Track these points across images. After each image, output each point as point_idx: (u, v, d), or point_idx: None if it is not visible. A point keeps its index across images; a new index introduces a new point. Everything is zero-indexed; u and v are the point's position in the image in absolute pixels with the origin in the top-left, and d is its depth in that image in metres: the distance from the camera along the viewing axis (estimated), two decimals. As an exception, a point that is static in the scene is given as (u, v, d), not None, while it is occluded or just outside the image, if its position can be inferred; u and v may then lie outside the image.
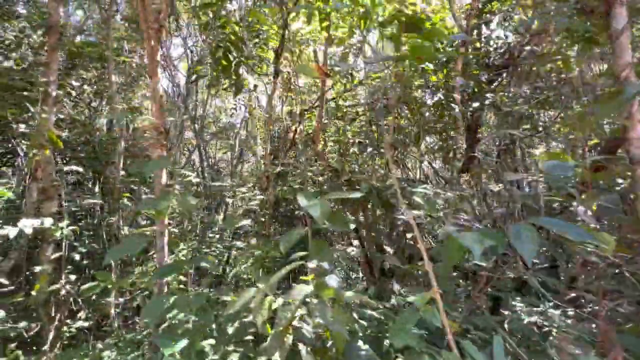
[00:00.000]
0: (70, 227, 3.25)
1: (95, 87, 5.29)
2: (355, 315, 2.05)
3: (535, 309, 2.23)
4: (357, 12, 3.44)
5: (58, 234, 3.09)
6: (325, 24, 3.22)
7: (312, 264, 1.59)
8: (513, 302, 2.44)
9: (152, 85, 2.84)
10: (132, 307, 4.01)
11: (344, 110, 4.89)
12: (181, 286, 3.10)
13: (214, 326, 2.07)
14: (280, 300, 1.58)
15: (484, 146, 5.35)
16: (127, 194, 4.96)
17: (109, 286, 3.13)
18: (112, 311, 3.93)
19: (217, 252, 4.26)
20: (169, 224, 4.15)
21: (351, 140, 5.26)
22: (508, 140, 4.73)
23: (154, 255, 4.01)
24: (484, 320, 2.13)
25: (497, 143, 4.93)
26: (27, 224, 3.04)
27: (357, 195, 1.64)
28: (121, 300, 3.75)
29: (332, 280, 1.53)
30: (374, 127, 4.90)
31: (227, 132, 7.87)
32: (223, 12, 3.66)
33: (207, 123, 8.40)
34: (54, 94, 4.17)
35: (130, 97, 6.01)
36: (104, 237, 4.07)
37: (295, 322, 1.64)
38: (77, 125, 5.01)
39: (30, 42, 5.07)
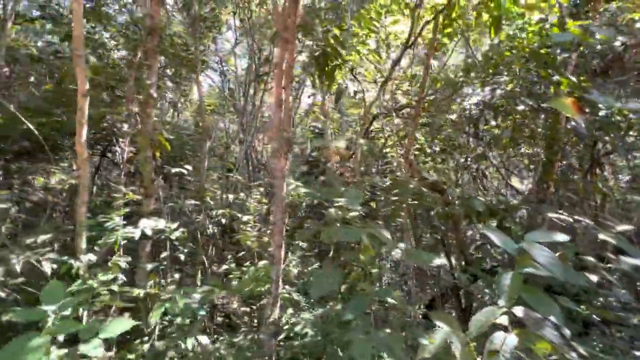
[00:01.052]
0: (181, 229, 3.33)
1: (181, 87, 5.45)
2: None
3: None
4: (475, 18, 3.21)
5: (173, 235, 3.18)
6: (448, 30, 3.04)
7: (520, 312, 1.45)
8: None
9: (275, 95, 2.80)
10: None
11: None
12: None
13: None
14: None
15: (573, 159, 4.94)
16: (210, 193, 5.08)
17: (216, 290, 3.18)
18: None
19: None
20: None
21: (437, 149, 5.04)
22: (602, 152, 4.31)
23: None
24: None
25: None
26: (147, 225, 3.14)
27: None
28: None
29: (550, 333, 1.38)
30: (464, 136, 4.66)
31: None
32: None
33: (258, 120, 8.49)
34: (155, 95, 4.32)
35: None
36: (199, 237, 4.18)
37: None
38: (164, 125, 5.18)
39: (124, 43, 5.33)
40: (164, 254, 3.55)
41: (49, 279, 2.29)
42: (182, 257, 3.64)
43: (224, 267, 4.38)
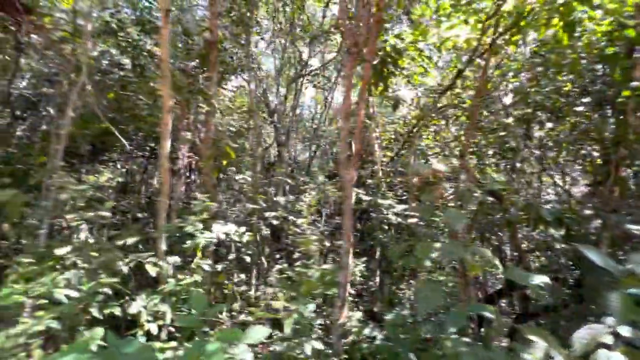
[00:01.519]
0: (249, 234, 3.54)
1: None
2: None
3: None
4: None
5: (244, 239, 3.38)
6: (516, 37, 3.00)
7: (626, 331, 1.47)
8: None
9: (344, 108, 2.92)
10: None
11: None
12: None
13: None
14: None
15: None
16: (262, 196, 5.30)
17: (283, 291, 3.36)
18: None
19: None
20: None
21: (489, 153, 4.95)
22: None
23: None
24: None
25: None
26: (220, 230, 3.38)
27: None
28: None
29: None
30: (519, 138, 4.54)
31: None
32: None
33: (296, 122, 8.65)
34: (216, 105, 4.60)
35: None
36: (258, 239, 4.40)
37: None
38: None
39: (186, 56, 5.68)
40: (231, 256, 3.79)
41: (153, 280, 2.54)
42: (248, 259, 3.86)
43: (277, 267, 4.59)
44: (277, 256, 5.43)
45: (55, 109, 5.60)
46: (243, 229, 3.66)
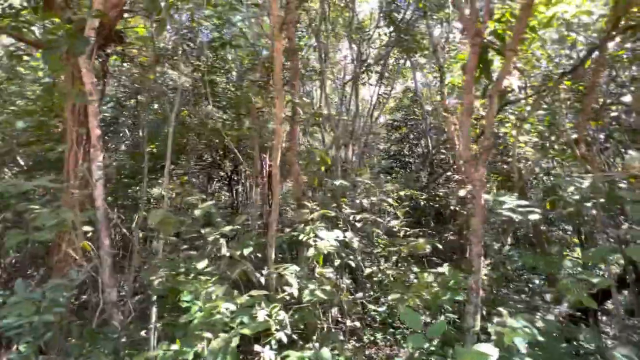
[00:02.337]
0: (356, 239, 3.50)
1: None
2: None
3: None
4: None
5: (355, 244, 3.35)
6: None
7: None
8: None
9: (466, 103, 2.76)
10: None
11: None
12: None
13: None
14: None
15: None
16: (345, 199, 5.27)
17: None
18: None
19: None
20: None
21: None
22: None
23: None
24: None
25: None
26: (329, 236, 3.38)
27: None
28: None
29: None
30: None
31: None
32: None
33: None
34: (300, 113, 4.65)
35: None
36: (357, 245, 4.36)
37: None
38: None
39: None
40: (337, 262, 3.78)
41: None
42: (353, 264, 3.84)
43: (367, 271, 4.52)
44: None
45: (144, 130, 6.04)
46: (349, 234, 3.64)
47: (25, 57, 5.40)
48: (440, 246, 3.88)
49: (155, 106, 7.25)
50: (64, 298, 2.30)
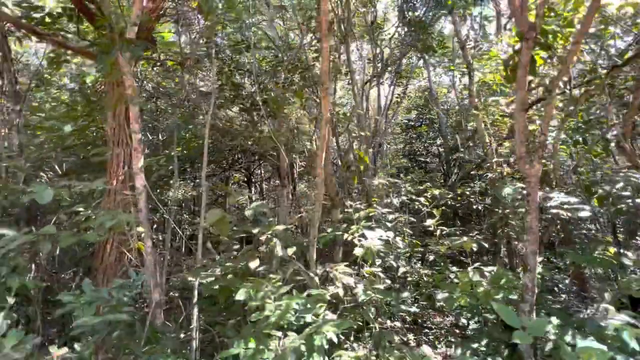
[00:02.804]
0: (399, 239, 3.48)
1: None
2: None
3: None
4: None
5: (399, 244, 3.34)
6: None
7: None
8: None
9: (519, 99, 2.72)
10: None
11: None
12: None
13: None
14: None
15: None
16: (376, 199, 5.24)
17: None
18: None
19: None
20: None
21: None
22: None
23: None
24: None
25: None
26: (373, 236, 3.36)
27: None
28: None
29: None
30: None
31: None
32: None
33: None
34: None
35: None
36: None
37: None
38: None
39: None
40: (377, 262, 3.76)
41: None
42: (394, 264, 3.82)
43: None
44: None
45: (175, 132, 6.12)
46: (390, 234, 3.62)
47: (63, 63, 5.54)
48: (486, 245, 3.82)
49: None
50: (128, 298, 2.34)
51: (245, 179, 9.81)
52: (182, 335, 3.36)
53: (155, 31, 5.97)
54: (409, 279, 4.63)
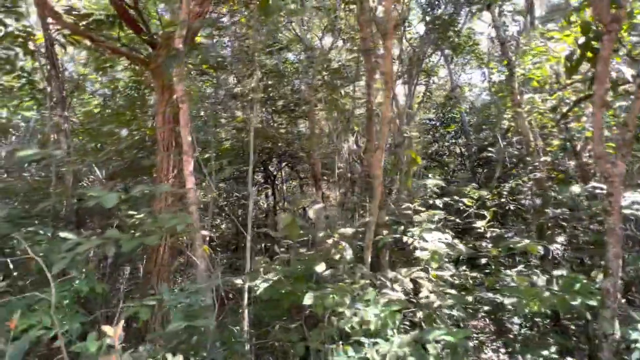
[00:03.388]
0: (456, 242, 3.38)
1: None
2: None
3: None
4: None
5: (460, 247, 3.24)
6: None
7: None
8: None
9: (598, 94, 2.59)
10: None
11: None
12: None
13: None
14: None
15: None
16: (418, 200, 5.13)
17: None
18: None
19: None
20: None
21: None
22: None
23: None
24: None
25: None
26: (433, 238, 3.27)
27: None
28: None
29: None
30: None
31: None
32: None
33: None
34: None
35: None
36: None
37: None
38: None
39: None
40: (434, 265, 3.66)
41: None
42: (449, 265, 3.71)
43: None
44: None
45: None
46: (448, 236, 3.52)
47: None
48: (551, 248, 3.67)
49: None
50: (203, 302, 2.32)
51: (264, 180, 9.80)
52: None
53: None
54: (456, 282, 4.51)
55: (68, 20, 4.09)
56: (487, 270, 4.50)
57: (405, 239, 3.19)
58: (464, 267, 4.96)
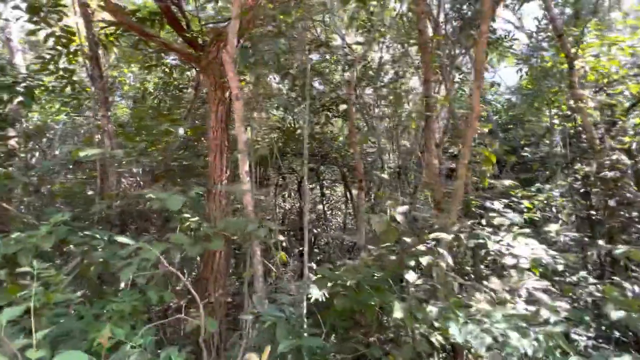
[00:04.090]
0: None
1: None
2: None
3: None
4: None
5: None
6: None
7: None
8: None
9: None
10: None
11: None
12: None
13: None
14: None
15: None
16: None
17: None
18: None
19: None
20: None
21: None
22: None
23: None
24: None
25: None
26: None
27: None
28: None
29: None
30: None
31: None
32: None
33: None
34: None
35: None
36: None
37: None
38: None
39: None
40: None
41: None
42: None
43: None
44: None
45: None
46: (535, 242, 3.20)
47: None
48: None
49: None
50: (295, 315, 2.09)
51: (298, 184, 9.61)
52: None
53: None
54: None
55: (122, 15, 3.94)
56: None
57: (490, 244, 2.90)
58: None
